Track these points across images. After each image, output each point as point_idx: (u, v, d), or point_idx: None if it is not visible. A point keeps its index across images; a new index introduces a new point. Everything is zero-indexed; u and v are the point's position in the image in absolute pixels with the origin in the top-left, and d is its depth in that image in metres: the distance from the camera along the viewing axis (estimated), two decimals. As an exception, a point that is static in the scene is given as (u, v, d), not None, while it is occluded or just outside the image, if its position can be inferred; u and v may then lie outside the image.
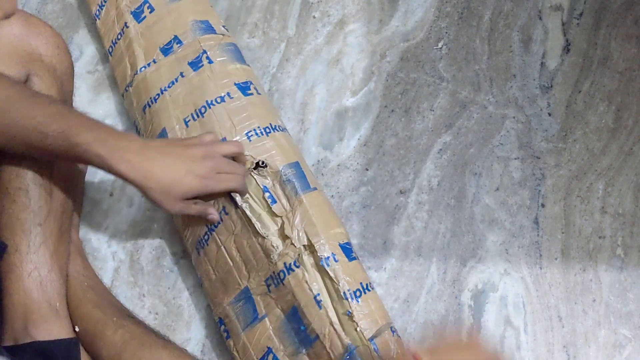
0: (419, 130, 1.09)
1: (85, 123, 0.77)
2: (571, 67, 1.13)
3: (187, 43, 0.97)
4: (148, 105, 0.97)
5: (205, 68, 0.95)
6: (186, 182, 0.80)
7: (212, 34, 0.99)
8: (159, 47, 0.98)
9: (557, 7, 1.17)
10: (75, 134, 0.75)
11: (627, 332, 0.98)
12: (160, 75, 0.96)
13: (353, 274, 0.84)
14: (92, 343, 0.82)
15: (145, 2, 1.01)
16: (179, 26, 0.99)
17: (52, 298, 0.80)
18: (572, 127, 1.10)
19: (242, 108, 0.92)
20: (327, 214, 0.88)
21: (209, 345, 0.96)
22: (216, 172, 0.82)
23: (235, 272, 0.88)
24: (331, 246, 0.84)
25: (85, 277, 0.89)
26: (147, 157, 0.78)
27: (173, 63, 0.96)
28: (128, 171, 0.77)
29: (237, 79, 0.95)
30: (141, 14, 1.01)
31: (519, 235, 1.03)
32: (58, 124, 0.75)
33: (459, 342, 0.81)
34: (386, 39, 1.15)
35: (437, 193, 1.05)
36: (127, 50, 1.01)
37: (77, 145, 0.75)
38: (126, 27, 1.01)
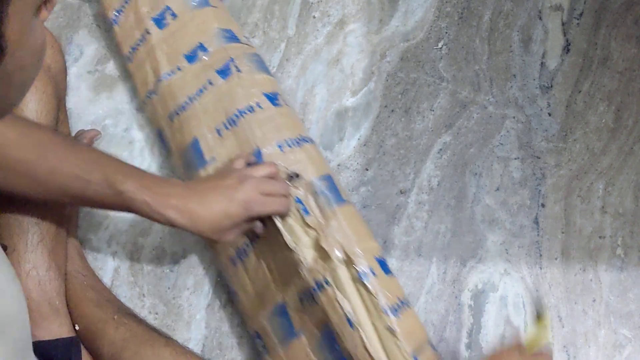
0: (419, 130, 1.09)
1: (127, 170, 0.76)
2: (571, 67, 1.13)
3: (213, 50, 0.96)
4: (176, 114, 0.95)
5: (234, 76, 0.93)
6: (231, 212, 0.77)
7: (237, 43, 0.98)
8: (183, 54, 0.96)
9: (557, 7, 1.17)
10: (120, 181, 0.74)
11: (627, 332, 0.98)
12: (186, 83, 0.95)
13: (391, 289, 0.82)
14: (92, 342, 0.82)
15: (168, 8, 0.99)
16: (203, 33, 0.97)
17: (51, 297, 0.80)
18: (572, 127, 1.10)
19: (271, 119, 0.91)
20: (361, 227, 0.87)
21: (209, 345, 0.96)
22: (260, 193, 0.80)
23: (272, 286, 0.86)
24: (368, 260, 0.82)
25: (85, 276, 0.89)
26: (190, 200, 0.76)
27: (199, 70, 0.95)
28: (176, 217, 0.75)
29: (265, 89, 0.94)
30: (163, 21, 0.99)
31: (519, 235, 1.03)
32: (100, 172, 0.74)
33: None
34: (386, 39, 1.15)
35: (437, 193, 1.05)
36: (148, 56, 0.99)
37: (122, 193, 0.74)
38: (148, 33, 0.99)
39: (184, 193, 0.76)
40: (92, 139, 1.05)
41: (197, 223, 0.76)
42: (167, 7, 1.00)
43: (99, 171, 0.74)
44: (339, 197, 0.87)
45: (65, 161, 0.73)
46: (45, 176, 0.72)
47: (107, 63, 1.12)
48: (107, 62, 1.12)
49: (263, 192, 0.80)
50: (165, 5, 1.00)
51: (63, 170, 0.73)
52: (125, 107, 1.09)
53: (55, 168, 0.72)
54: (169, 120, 0.96)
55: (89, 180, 0.73)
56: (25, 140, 0.72)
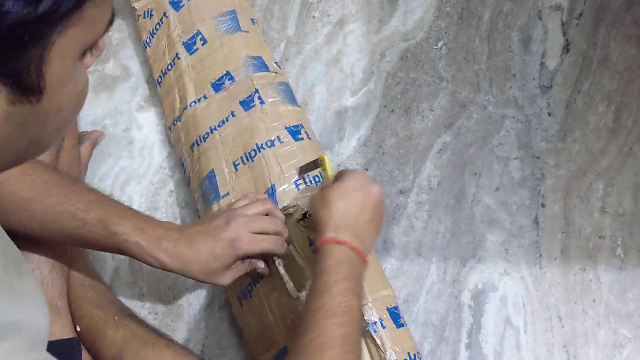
0: (418, 130, 1.09)
1: (123, 212, 0.77)
2: (571, 67, 1.13)
3: (239, 80, 0.94)
4: (197, 144, 0.94)
5: (256, 108, 0.92)
6: (217, 252, 0.77)
7: (265, 72, 0.96)
8: (210, 82, 0.95)
9: (556, 7, 1.17)
10: (114, 222, 0.75)
11: (626, 332, 0.99)
12: (210, 113, 0.93)
13: (401, 343, 0.79)
14: (93, 342, 0.81)
15: (198, 33, 0.98)
16: (231, 61, 0.96)
17: (53, 297, 0.80)
18: (572, 127, 1.10)
19: (292, 154, 0.89)
20: (375, 273, 0.84)
21: (208, 346, 0.96)
22: (249, 231, 0.79)
23: (274, 329, 0.84)
24: (379, 310, 0.80)
25: (86, 276, 0.89)
26: (179, 243, 0.76)
27: (224, 100, 0.94)
28: (168, 260, 0.76)
29: (288, 122, 0.92)
30: (193, 46, 0.98)
31: (518, 235, 1.03)
32: (96, 212, 0.74)
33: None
34: (386, 38, 1.15)
35: (436, 193, 1.05)
36: (177, 82, 0.98)
37: (116, 234, 0.75)
38: (177, 58, 0.98)
39: (175, 236, 0.77)
40: (96, 140, 1.05)
41: (187, 266, 0.76)
42: (198, 31, 0.98)
43: (95, 211, 0.74)
44: None
45: (63, 200, 0.74)
46: (42, 213, 0.73)
47: (106, 63, 1.12)
48: (107, 62, 1.12)
49: (252, 230, 0.79)
50: (197, 30, 0.98)
51: (60, 208, 0.74)
52: (124, 107, 1.09)
53: (53, 206, 0.73)
54: (190, 149, 0.95)
55: (85, 220, 0.74)
56: (26, 177, 0.74)
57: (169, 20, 1.01)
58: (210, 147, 0.93)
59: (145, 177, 1.05)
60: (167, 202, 1.04)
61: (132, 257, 0.76)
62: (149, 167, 1.06)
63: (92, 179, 1.03)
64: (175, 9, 1.02)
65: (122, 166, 1.06)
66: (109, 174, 1.05)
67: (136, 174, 1.06)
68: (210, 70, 0.96)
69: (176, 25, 1.00)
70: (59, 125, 0.48)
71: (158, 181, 1.05)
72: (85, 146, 1.02)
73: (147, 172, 1.06)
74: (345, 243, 0.72)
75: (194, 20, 0.99)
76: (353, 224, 0.74)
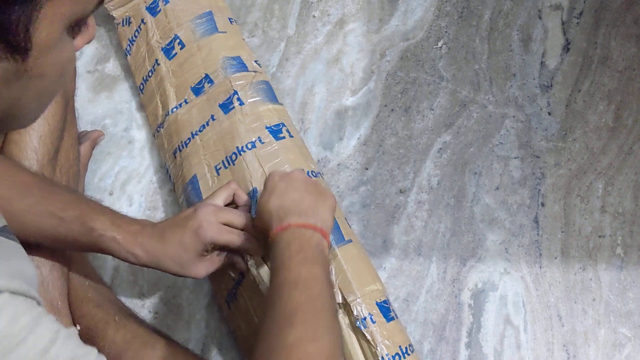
0: (418, 130, 1.09)
1: (100, 209, 0.78)
2: (571, 67, 1.13)
3: (217, 82, 0.94)
4: (179, 149, 0.94)
5: (236, 110, 0.91)
6: (185, 241, 0.78)
7: (244, 72, 0.96)
8: (191, 87, 0.95)
9: (556, 7, 1.17)
10: (91, 219, 0.76)
11: (626, 331, 0.99)
12: (191, 118, 0.93)
13: (392, 336, 0.79)
14: (93, 343, 0.81)
15: (176, 37, 0.98)
16: (210, 63, 0.95)
17: (53, 297, 0.80)
18: (572, 126, 1.10)
19: (273, 154, 0.89)
20: (364, 269, 0.83)
21: (209, 345, 0.96)
22: (216, 221, 0.79)
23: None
24: (368, 305, 0.79)
25: (86, 276, 0.89)
26: (152, 238, 0.78)
27: (204, 104, 0.93)
28: (142, 255, 0.77)
29: (269, 122, 0.92)
30: (172, 51, 0.98)
31: (518, 235, 1.03)
32: (74, 210, 0.76)
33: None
34: (386, 38, 1.15)
35: (437, 192, 1.05)
36: (158, 88, 0.98)
37: (93, 230, 0.76)
38: (157, 64, 0.98)
39: (149, 231, 0.78)
40: (96, 139, 1.05)
41: (160, 260, 0.78)
42: (176, 35, 0.98)
43: (72, 209, 0.76)
44: (340, 237, 0.84)
45: (41, 200, 0.75)
46: (22, 213, 0.74)
47: (106, 63, 1.12)
48: (107, 62, 1.12)
49: (219, 219, 0.80)
50: (174, 34, 0.98)
51: (38, 207, 0.75)
52: (124, 107, 1.09)
53: (32, 206, 0.74)
54: (173, 156, 0.95)
55: (63, 218, 0.75)
56: (7, 178, 0.74)
57: (147, 27, 1.01)
58: (192, 152, 0.92)
59: (145, 176, 1.05)
60: (167, 201, 1.04)
61: (109, 253, 0.78)
62: (149, 166, 1.06)
63: (92, 179, 1.03)
64: (152, 15, 1.02)
65: (122, 166, 1.06)
66: (109, 174, 1.05)
67: (136, 173, 1.06)
68: (189, 75, 0.96)
69: (154, 31, 1.00)
70: (39, 92, 0.48)
71: (158, 180, 1.05)
72: (85, 146, 1.02)
73: (147, 172, 1.06)
74: (289, 225, 0.73)
75: (172, 25, 0.99)
76: (290, 207, 0.75)
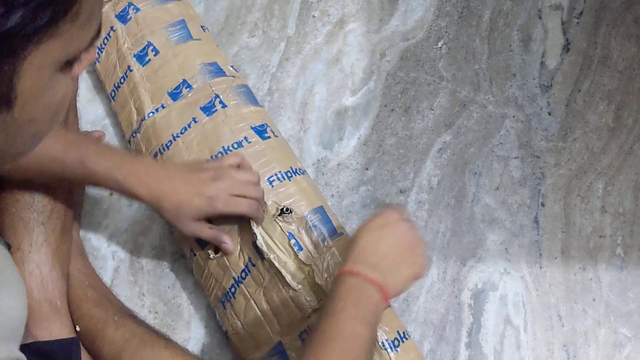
0: (418, 130, 1.09)
1: (101, 150, 0.80)
2: (571, 66, 1.13)
3: (197, 87, 0.94)
4: (160, 152, 0.94)
5: (219, 113, 0.92)
6: (194, 203, 0.80)
7: (223, 77, 0.96)
8: (167, 92, 0.95)
9: (556, 6, 1.17)
10: (93, 161, 0.78)
11: (627, 331, 0.99)
12: (170, 121, 0.93)
13: (389, 322, 0.81)
14: (92, 342, 0.82)
15: (149, 44, 0.98)
16: (187, 69, 0.95)
17: (53, 297, 0.80)
18: (572, 126, 1.10)
19: (261, 152, 0.89)
20: None
21: (208, 345, 0.96)
22: (228, 193, 0.82)
23: (267, 326, 0.84)
24: None
25: (86, 276, 0.89)
26: (161, 180, 0.80)
27: (184, 108, 0.93)
28: (144, 193, 0.79)
29: (253, 123, 0.92)
30: (145, 57, 0.97)
31: (519, 235, 1.03)
32: (75, 152, 0.77)
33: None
34: (386, 38, 1.15)
35: (437, 192, 1.05)
36: (131, 94, 0.97)
37: (95, 172, 0.78)
38: (130, 70, 0.97)
39: (157, 172, 0.81)
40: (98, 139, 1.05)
41: (161, 202, 0.80)
42: (149, 42, 0.98)
43: (75, 152, 0.77)
44: (332, 230, 0.86)
45: (43, 144, 0.74)
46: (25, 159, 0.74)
47: (106, 62, 1.12)
48: (107, 62, 1.12)
49: (234, 193, 0.82)
50: (147, 41, 0.98)
51: (39, 151, 0.74)
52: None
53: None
54: (154, 159, 0.95)
55: (64, 161, 0.77)
56: None
57: (117, 34, 1.01)
58: (175, 154, 0.92)
59: (146, 176, 1.05)
60: (167, 201, 1.04)
61: (112, 190, 0.81)
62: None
63: (92, 179, 1.03)
64: (123, 22, 1.01)
65: (123, 166, 1.06)
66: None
67: (136, 173, 1.06)
68: (165, 80, 0.96)
69: (125, 39, 0.99)
70: (31, 135, 0.47)
71: (158, 181, 1.05)
72: (86, 146, 1.02)
73: (147, 172, 1.06)
74: (360, 274, 0.71)
75: (144, 32, 0.99)
76: (373, 258, 0.74)
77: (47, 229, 0.82)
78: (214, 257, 0.87)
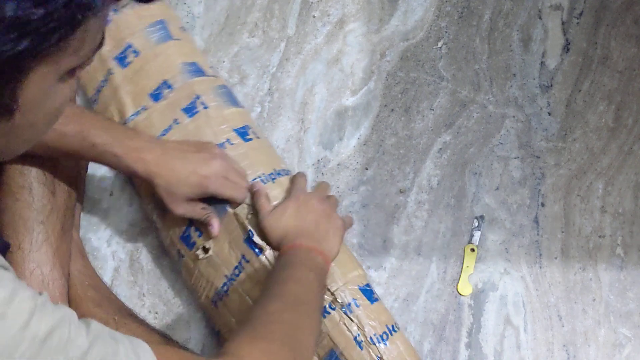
0: (418, 130, 1.09)
1: (101, 124, 0.80)
2: (571, 67, 1.13)
3: (177, 87, 0.93)
4: None
5: (201, 114, 0.91)
6: (189, 181, 0.81)
7: (203, 77, 0.95)
8: (148, 93, 0.94)
9: (557, 7, 1.17)
10: (93, 134, 0.78)
11: (626, 331, 0.99)
12: (152, 123, 0.92)
13: (378, 317, 0.82)
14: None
15: (129, 46, 0.96)
16: (167, 70, 0.95)
17: (53, 297, 0.80)
18: (572, 127, 1.10)
19: (244, 155, 0.89)
20: (344, 257, 0.86)
21: (209, 345, 0.96)
22: (222, 176, 0.83)
23: None
24: (351, 291, 0.83)
25: (86, 276, 0.89)
26: (159, 157, 0.81)
27: (165, 109, 0.92)
28: (141, 169, 0.80)
29: (235, 124, 0.92)
30: (125, 59, 0.96)
31: (518, 235, 1.03)
32: (75, 125, 0.77)
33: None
34: (386, 38, 1.15)
35: (437, 192, 1.05)
36: (113, 97, 0.96)
37: (95, 145, 0.78)
38: (111, 73, 0.96)
39: (156, 149, 0.81)
40: None
41: (156, 177, 0.80)
42: (129, 44, 0.96)
43: (73, 124, 0.77)
44: None
45: None
46: None
47: (106, 62, 1.12)
48: (107, 62, 1.12)
49: (228, 177, 0.84)
50: (127, 43, 0.97)
51: None
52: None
53: None
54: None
55: (64, 133, 0.77)
56: None
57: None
58: None
59: (146, 176, 1.05)
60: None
61: (108, 166, 0.81)
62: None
63: (92, 179, 1.03)
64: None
65: (123, 166, 1.06)
66: (109, 174, 1.05)
67: (136, 173, 1.06)
68: (146, 81, 0.95)
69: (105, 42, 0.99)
70: (30, 138, 0.48)
71: (158, 181, 1.05)
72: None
73: (147, 172, 1.06)
74: (301, 245, 0.79)
75: (123, 34, 0.97)
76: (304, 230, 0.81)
77: (47, 228, 0.82)
78: (203, 257, 0.87)
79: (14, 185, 0.82)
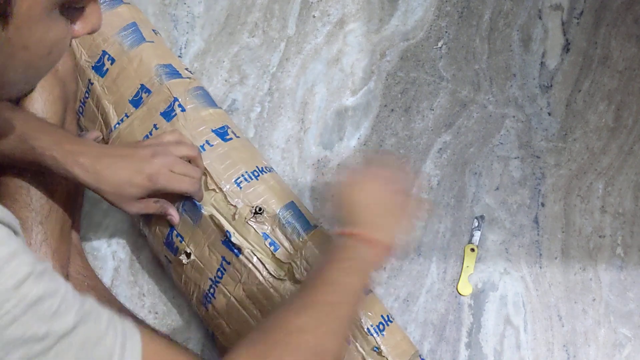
0: (418, 130, 1.09)
1: (43, 127, 0.78)
2: (571, 67, 1.13)
3: (155, 90, 0.93)
4: None
5: (178, 117, 0.91)
6: (135, 181, 0.80)
7: (179, 79, 0.95)
8: (129, 100, 0.94)
9: (557, 7, 1.17)
10: (32, 137, 0.76)
11: (626, 331, 0.99)
12: (133, 131, 0.92)
13: (372, 308, 0.82)
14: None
15: (104, 53, 0.96)
16: (143, 73, 0.94)
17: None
18: (572, 127, 1.10)
19: (225, 155, 0.89)
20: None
21: (208, 345, 0.96)
22: (169, 170, 0.81)
23: (250, 320, 0.84)
24: None
25: (85, 276, 0.89)
26: (99, 161, 0.78)
27: (145, 115, 0.92)
28: (81, 174, 0.77)
29: (213, 125, 0.92)
30: (102, 67, 0.95)
31: (519, 235, 1.03)
32: (18, 127, 0.76)
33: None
34: (386, 38, 1.15)
35: (437, 192, 1.05)
36: (97, 108, 0.96)
37: (34, 148, 0.76)
38: (91, 84, 0.96)
39: (95, 153, 0.79)
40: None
41: (100, 184, 0.78)
42: (104, 52, 0.96)
43: (17, 127, 0.76)
44: (306, 223, 0.86)
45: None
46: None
47: (106, 62, 1.12)
48: (107, 62, 1.12)
49: (174, 170, 0.82)
50: (102, 50, 0.96)
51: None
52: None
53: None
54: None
55: (6, 135, 0.75)
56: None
57: (72, 48, 0.99)
58: None
59: (146, 176, 1.05)
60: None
61: (48, 170, 0.78)
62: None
63: (92, 179, 1.03)
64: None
65: (123, 166, 1.06)
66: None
67: (136, 173, 1.06)
68: (125, 88, 0.94)
69: (81, 52, 0.98)
70: (25, 65, 0.49)
71: (158, 181, 1.05)
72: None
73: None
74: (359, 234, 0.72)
75: (97, 42, 0.97)
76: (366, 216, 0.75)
77: (45, 229, 0.81)
78: (187, 262, 0.87)
79: (11, 186, 0.81)
